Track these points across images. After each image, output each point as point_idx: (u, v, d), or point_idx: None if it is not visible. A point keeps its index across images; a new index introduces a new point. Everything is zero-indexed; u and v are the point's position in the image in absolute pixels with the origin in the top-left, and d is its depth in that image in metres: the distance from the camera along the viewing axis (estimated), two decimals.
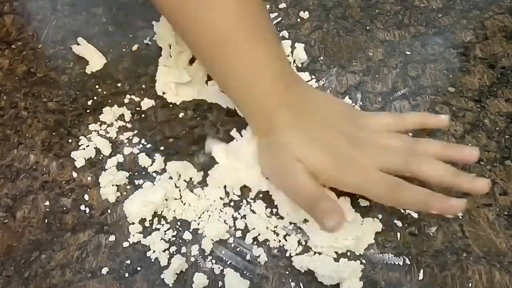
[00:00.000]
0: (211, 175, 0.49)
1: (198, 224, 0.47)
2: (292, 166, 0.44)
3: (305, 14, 0.62)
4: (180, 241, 0.46)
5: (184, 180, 0.49)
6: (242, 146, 0.50)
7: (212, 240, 0.46)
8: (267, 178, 0.48)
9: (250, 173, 0.48)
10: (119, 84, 0.57)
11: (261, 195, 0.48)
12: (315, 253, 0.45)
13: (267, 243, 0.46)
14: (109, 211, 0.48)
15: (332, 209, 0.42)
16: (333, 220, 0.41)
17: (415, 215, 0.47)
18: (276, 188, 0.47)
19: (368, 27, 0.61)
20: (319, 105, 0.47)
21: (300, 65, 0.57)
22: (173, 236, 0.46)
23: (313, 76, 0.56)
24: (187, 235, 0.46)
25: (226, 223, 0.47)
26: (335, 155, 0.44)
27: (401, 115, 0.50)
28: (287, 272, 0.44)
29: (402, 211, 0.47)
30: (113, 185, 0.49)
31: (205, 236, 0.46)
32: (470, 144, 0.52)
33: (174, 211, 0.47)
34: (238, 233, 0.46)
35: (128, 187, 0.49)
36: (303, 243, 0.46)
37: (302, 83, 0.50)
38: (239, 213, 0.47)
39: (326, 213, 0.42)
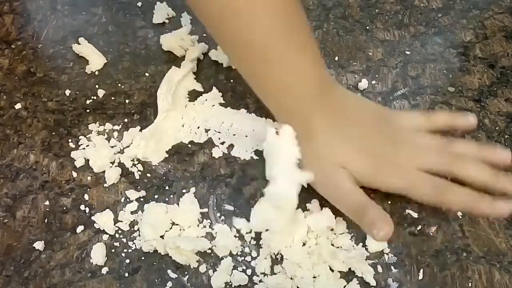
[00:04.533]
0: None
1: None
2: (336, 173, 0.44)
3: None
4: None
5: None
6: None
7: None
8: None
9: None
10: (119, 84, 0.57)
11: None
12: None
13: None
14: (109, 211, 0.48)
15: (381, 218, 0.42)
16: (383, 231, 0.41)
17: (415, 215, 0.47)
18: (323, 195, 0.46)
19: (368, 27, 0.61)
20: (354, 106, 0.47)
21: None
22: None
23: None
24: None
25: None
26: (376, 157, 0.45)
27: (431, 114, 0.49)
28: None
29: (402, 211, 0.47)
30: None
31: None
32: None
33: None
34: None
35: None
36: None
37: (336, 84, 0.49)
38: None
39: (375, 223, 0.42)
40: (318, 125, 0.45)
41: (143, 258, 0.45)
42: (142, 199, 0.48)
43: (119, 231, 0.47)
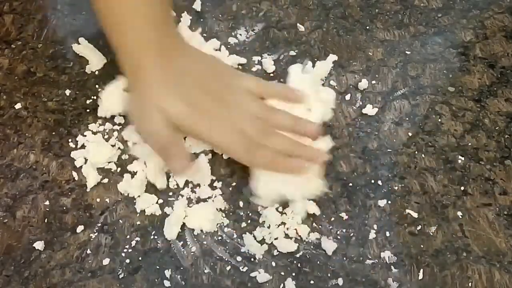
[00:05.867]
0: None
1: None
2: (151, 113, 0.46)
3: (305, 14, 0.62)
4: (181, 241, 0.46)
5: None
6: None
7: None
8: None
9: None
10: None
11: None
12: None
13: (267, 242, 0.46)
14: (109, 210, 0.48)
15: (178, 154, 0.47)
16: (177, 163, 0.47)
17: (415, 215, 0.47)
18: (135, 130, 0.50)
19: (368, 27, 0.61)
20: (190, 59, 0.50)
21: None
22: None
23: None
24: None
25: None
26: (196, 109, 0.47)
27: (266, 83, 0.53)
28: (287, 270, 0.45)
29: (402, 211, 0.47)
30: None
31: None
32: (470, 144, 0.52)
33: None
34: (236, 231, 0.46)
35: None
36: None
37: (179, 38, 0.51)
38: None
39: (173, 157, 0.47)
40: (147, 68, 0.47)
41: (143, 258, 0.45)
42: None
43: (119, 231, 0.47)
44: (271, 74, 0.56)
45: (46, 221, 0.47)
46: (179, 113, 0.46)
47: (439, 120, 0.53)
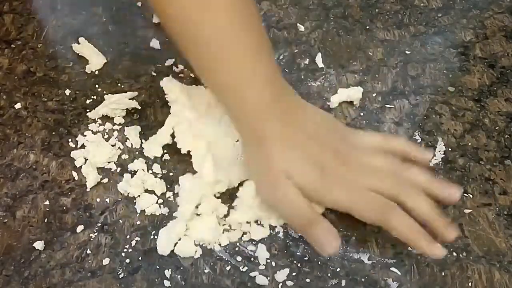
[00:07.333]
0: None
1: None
2: (283, 183, 0.43)
3: (305, 14, 0.62)
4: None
5: None
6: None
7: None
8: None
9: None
10: (119, 84, 0.57)
11: None
12: None
13: (268, 242, 0.46)
14: (109, 210, 0.48)
15: (327, 233, 0.43)
16: (330, 246, 0.43)
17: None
18: (266, 203, 0.45)
19: (368, 27, 0.61)
20: (308, 119, 0.46)
21: None
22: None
23: (313, 76, 0.57)
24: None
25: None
26: (323, 171, 0.43)
27: (388, 137, 0.49)
28: (287, 270, 0.45)
29: None
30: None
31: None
32: (470, 144, 0.52)
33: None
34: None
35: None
36: None
37: (291, 95, 0.47)
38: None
39: (322, 237, 0.43)
40: (267, 133, 0.44)
41: (143, 258, 0.45)
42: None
43: (119, 231, 0.47)
44: None
45: (46, 221, 0.47)
46: (308, 179, 0.43)
47: (439, 120, 0.53)
